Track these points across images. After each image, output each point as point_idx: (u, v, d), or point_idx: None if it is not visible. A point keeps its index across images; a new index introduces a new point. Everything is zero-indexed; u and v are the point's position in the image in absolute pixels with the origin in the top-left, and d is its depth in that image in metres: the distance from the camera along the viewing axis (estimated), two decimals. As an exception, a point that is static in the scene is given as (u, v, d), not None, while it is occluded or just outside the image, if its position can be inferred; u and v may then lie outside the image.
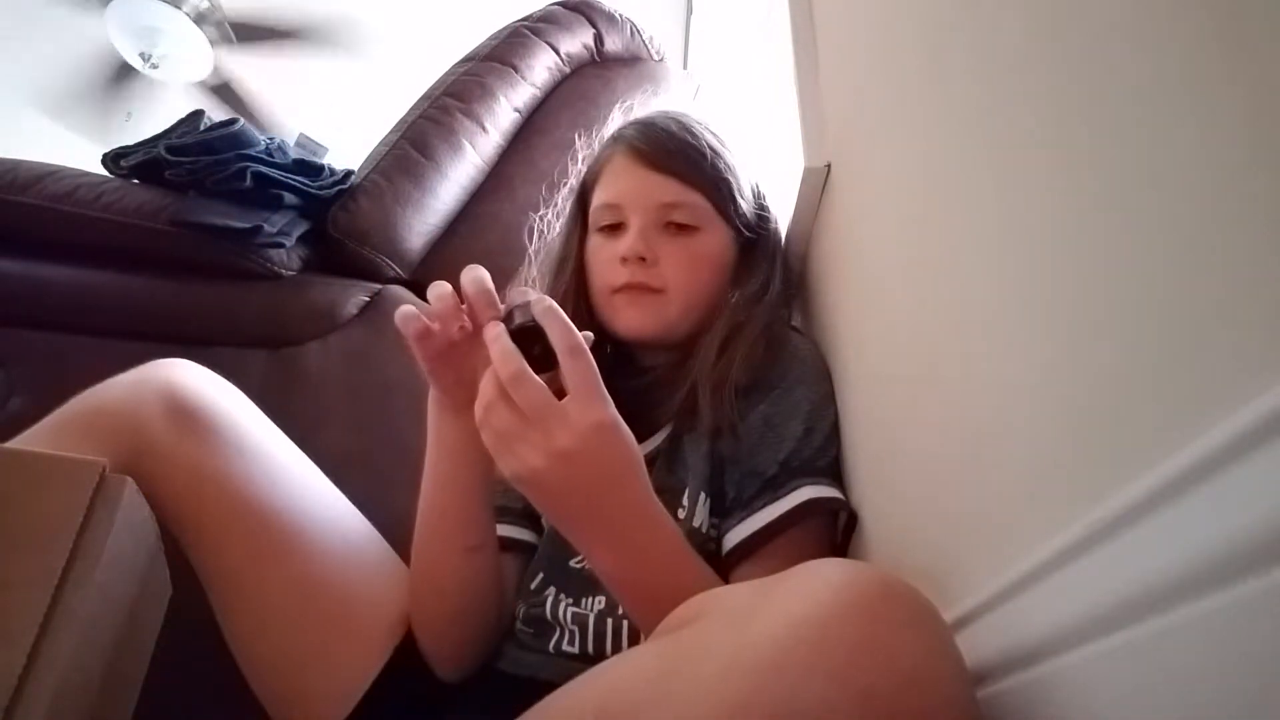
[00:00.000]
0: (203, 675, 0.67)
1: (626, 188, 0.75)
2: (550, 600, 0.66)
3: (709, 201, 0.74)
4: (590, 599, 0.65)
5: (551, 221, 0.88)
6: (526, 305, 0.54)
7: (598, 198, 0.78)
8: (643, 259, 0.72)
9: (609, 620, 0.63)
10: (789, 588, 0.34)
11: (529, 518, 0.76)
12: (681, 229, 0.73)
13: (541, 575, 0.69)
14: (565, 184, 0.86)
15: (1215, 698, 0.23)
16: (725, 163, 0.76)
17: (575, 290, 0.77)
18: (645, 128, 0.78)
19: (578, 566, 0.67)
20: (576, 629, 0.63)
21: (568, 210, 0.83)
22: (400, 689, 0.64)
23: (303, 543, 0.65)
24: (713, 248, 0.75)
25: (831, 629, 0.30)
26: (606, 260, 0.75)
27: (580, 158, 0.86)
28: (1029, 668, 0.33)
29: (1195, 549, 0.23)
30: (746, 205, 0.77)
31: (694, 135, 0.76)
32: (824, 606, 0.31)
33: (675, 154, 0.75)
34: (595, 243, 0.77)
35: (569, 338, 0.51)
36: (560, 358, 0.51)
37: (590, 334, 0.54)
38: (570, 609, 0.65)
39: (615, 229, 0.75)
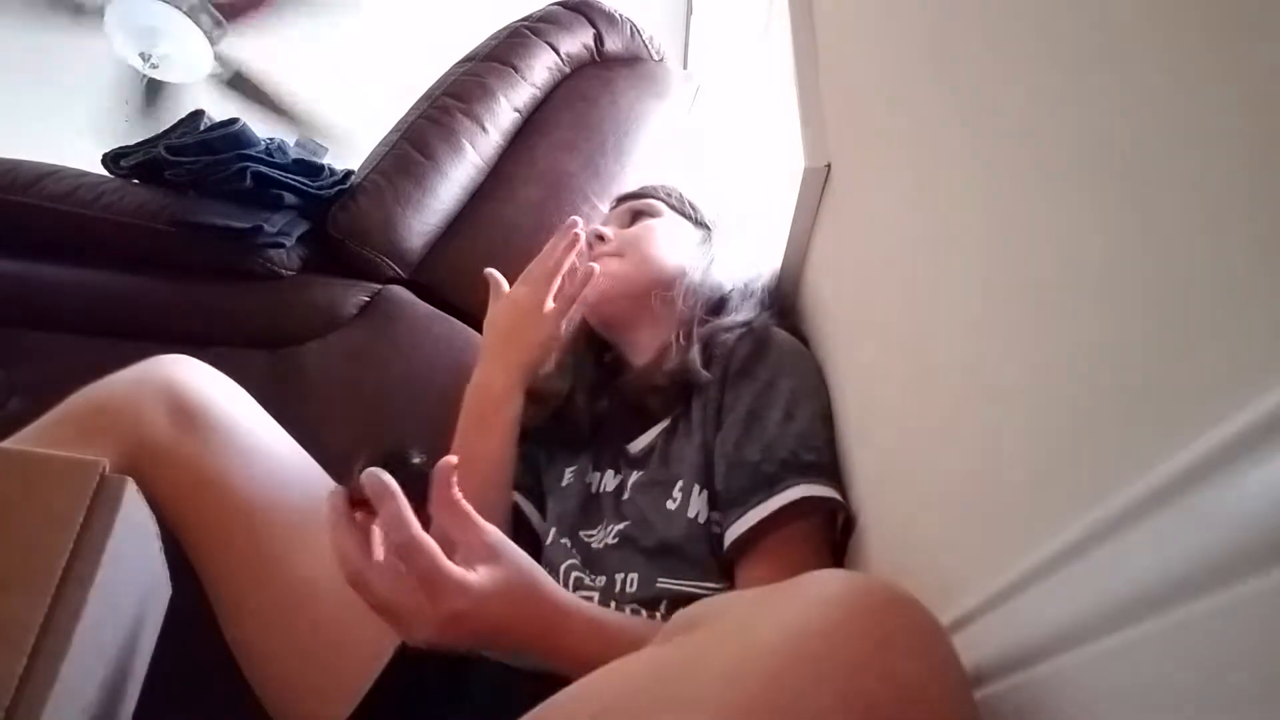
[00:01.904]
0: (203, 675, 0.67)
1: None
2: None
3: (662, 203, 0.89)
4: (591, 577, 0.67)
5: None
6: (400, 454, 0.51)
7: None
8: (601, 238, 0.83)
9: (610, 604, 0.63)
10: (793, 598, 0.33)
11: (526, 489, 0.80)
12: (637, 216, 0.87)
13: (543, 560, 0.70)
14: None
15: (1215, 698, 0.23)
16: (675, 189, 0.91)
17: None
18: None
19: (587, 540, 0.70)
20: None
21: None
22: (402, 689, 0.64)
23: (304, 540, 0.65)
24: (667, 224, 0.87)
25: (835, 643, 0.30)
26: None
27: None
28: (1029, 668, 0.33)
29: (1195, 549, 0.23)
30: (699, 209, 0.90)
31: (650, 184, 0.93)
32: (828, 619, 0.31)
33: (632, 193, 0.93)
34: None
35: (400, 533, 0.47)
36: (396, 554, 0.48)
37: (453, 459, 0.51)
38: (580, 591, 0.65)
39: None
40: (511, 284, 0.80)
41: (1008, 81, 0.39)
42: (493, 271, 0.82)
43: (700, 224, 0.88)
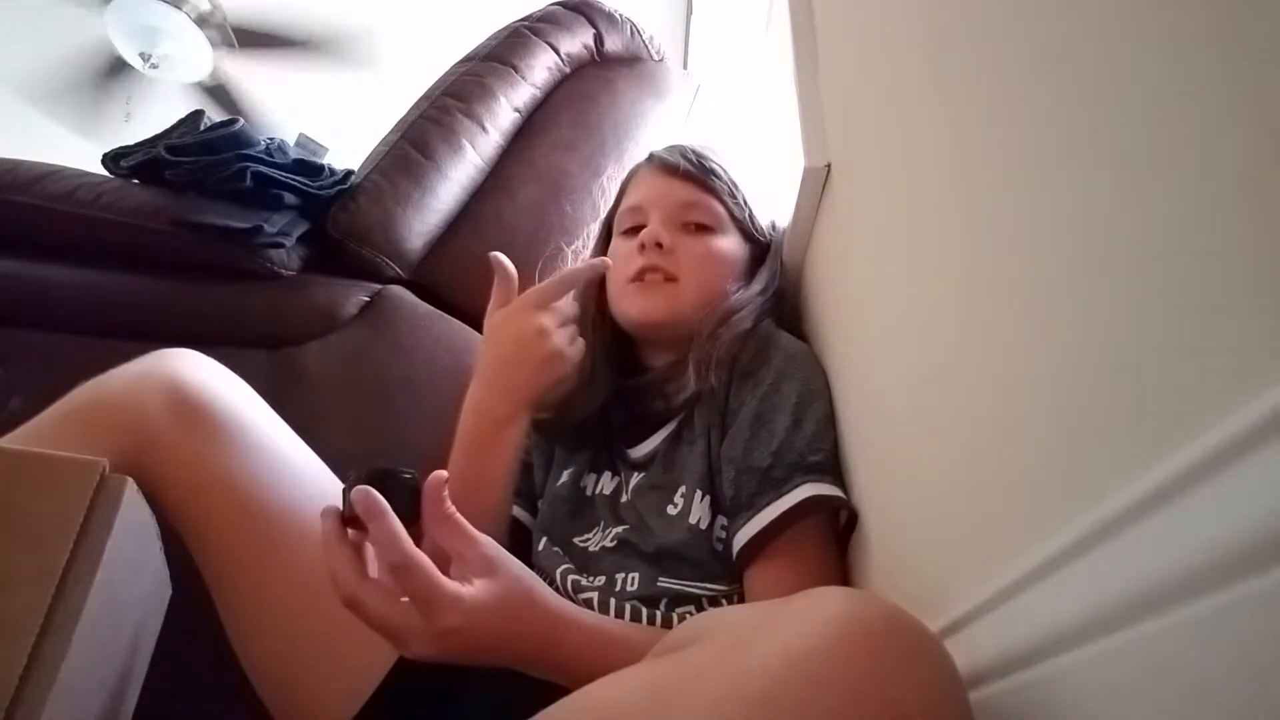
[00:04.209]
0: (204, 675, 0.67)
1: (648, 191, 0.81)
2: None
3: (724, 208, 0.79)
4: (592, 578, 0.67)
5: (580, 250, 0.92)
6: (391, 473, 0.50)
7: (622, 206, 0.84)
8: (660, 245, 0.76)
9: (611, 601, 0.63)
10: (791, 616, 0.33)
11: (524, 496, 0.79)
12: (699, 229, 0.78)
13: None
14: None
15: (1215, 698, 0.23)
16: (739, 182, 0.82)
17: (599, 295, 0.81)
18: (667, 148, 0.85)
19: (582, 545, 0.70)
20: None
21: (596, 234, 0.89)
22: (407, 690, 0.64)
23: (309, 540, 0.64)
24: (726, 247, 0.79)
25: (832, 665, 0.29)
26: (626, 255, 0.78)
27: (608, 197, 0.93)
28: (1028, 668, 0.33)
29: (1195, 549, 0.23)
30: (759, 223, 0.83)
31: (710, 153, 0.83)
32: (825, 640, 0.30)
33: (693, 163, 0.80)
34: (616, 244, 0.82)
35: (393, 554, 0.47)
36: (390, 573, 0.48)
37: (444, 473, 0.51)
38: (580, 593, 0.65)
39: (637, 231, 0.79)
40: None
41: (1007, 82, 0.39)
42: (500, 257, 0.74)
43: (752, 239, 0.82)
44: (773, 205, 0.89)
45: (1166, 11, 0.27)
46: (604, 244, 0.85)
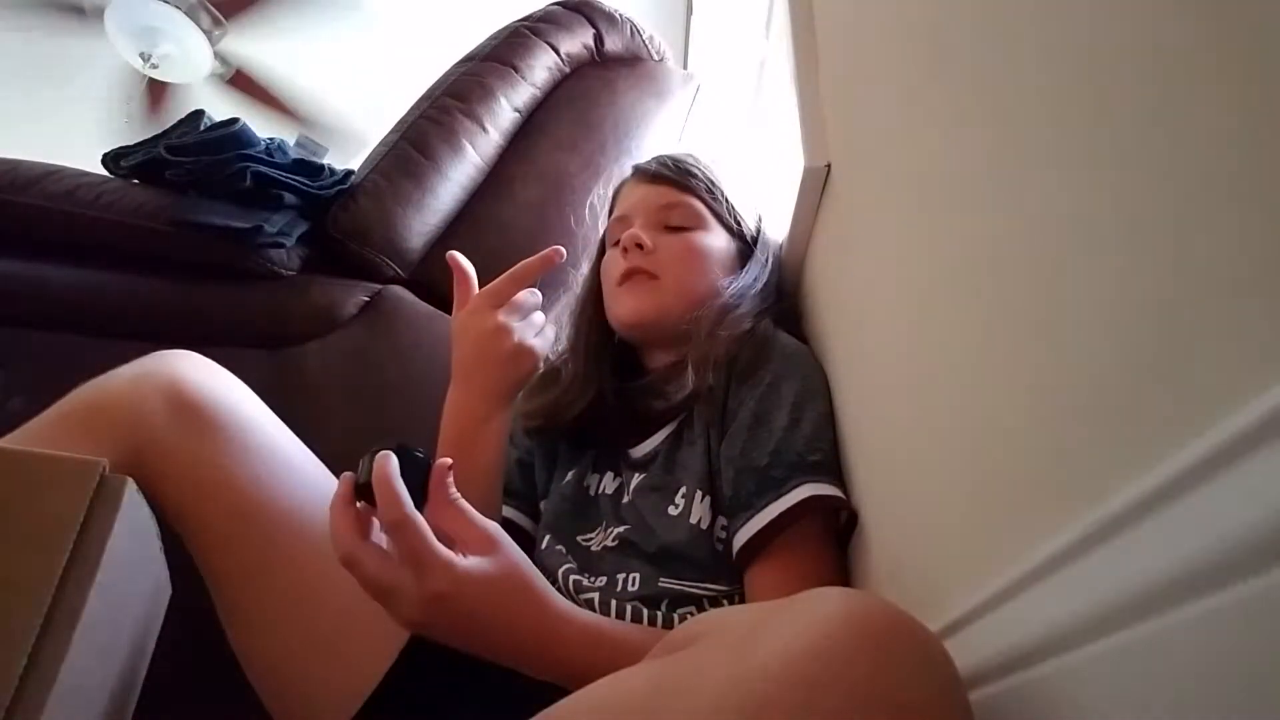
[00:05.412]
0: (204, 676, 0.67)
1: (631, 200, 0.84)
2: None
3: (704, 206, 0.81)
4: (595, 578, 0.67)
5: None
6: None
7: (610, 219, 0.86)
8: (640, 246, 0.77)
9: (612, 602, 0.63)
10: (791, 617, 0.33)
11: (520, 497, 0.80)
12: (680, 228, 0.80)
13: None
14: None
15: (1215, 698, 0.23)
16: (718, 181, 0.83)
17: (593, 304, 0.83)
18: (650, 159, 0.88)
19: (585, 544, 0.71)
20: None
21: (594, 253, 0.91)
22: (406, 691, 0.64)
23: (309, 541, 0.65)
24: (709, 242, 0.80)
25: (831, 666, 0.29)
26: (612, 262, 0.80)
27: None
28: (1028, 668, 0.33)
29: (1195, 549, 0.23)
30: (742, 218, 0.83)
31: (689, 158, 0.85)
32: (825, 641, 0.30)
33: (669, 168, 0.83)
34: (607, 256, 0.83)
35: (393, 511, 0.48)
36: (387, 531, 0.49)
37: (448, 460, 0.53)
38: (582, 593, 0.65)
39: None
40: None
41: (1007, 81, 0.39)
42: (457, 256, 0.77)
43: (739, 235, 0.82)
44: (769, 204, 0.89)
45: (1167, 13, 0.27)
46: (599, 260, 0.86)
